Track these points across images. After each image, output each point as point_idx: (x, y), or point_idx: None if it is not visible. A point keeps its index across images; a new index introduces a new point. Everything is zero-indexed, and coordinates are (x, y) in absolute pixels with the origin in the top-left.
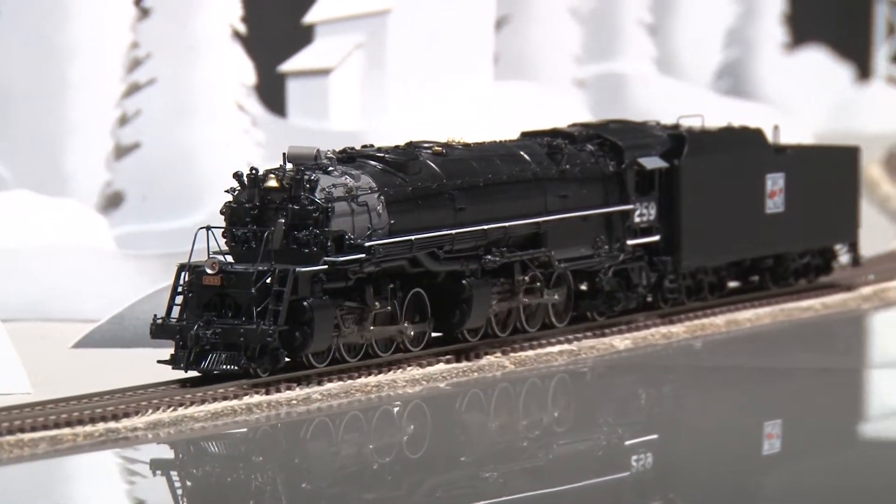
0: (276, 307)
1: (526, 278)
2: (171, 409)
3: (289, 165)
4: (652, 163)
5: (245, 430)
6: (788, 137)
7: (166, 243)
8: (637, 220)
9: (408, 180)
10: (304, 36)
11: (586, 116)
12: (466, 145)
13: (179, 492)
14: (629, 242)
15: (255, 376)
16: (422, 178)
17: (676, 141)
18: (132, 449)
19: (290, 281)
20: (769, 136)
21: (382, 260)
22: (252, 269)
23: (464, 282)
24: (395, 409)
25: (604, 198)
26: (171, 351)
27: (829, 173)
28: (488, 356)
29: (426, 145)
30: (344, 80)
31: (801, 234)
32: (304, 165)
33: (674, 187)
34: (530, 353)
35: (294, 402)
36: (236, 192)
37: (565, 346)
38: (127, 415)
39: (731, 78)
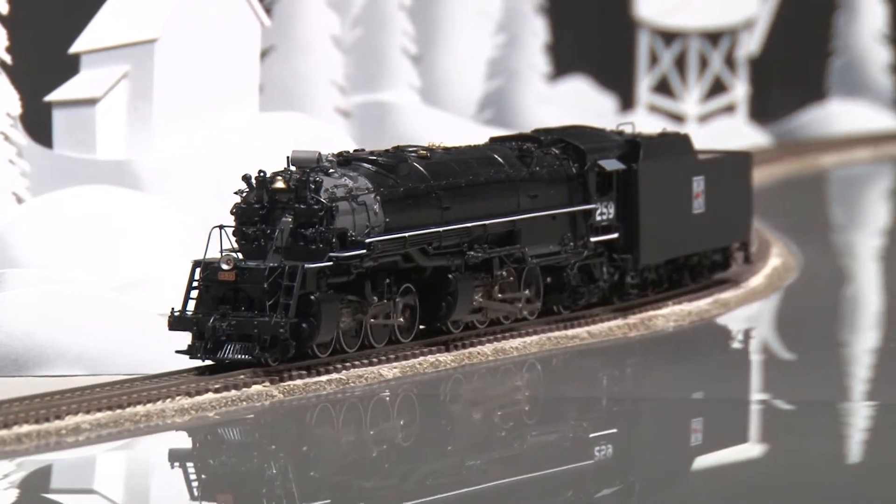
0: (286, 301)
1: (503, 273)
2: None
3: (293, 168)
4: (611, 165)
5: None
6: None
7: None
8: (598, 218)
9: (399, 181)
10: (70, 66)
11: (351, 146)
12: (447, 149)
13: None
14: (592, 239)
15: (266, 365)
16: (411, 179)
17: (632, 146)
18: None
19: (300, 276)
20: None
21: (380, 255)
22: (263, 265)
23: (450, 276)
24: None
25: (568, 198)
26: (188, 342)
27: (732, 177)
28: (256, 385)
29: (411, 149)
30: (110, 109)
31: (716, 232)
32: (308, 168)
33: (632, 189)
34: (299, 382)
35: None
36: (245, 194)
37: (334, 376)
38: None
39: (495, 108)
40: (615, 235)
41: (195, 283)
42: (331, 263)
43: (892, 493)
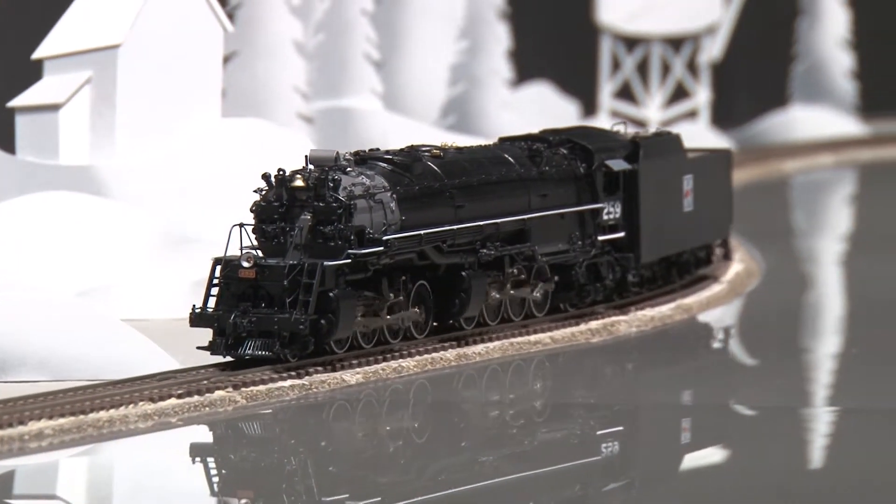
0: (306, 298)
1: (514, 271)
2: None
3: (311, 167)
4: (618, 165)
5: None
6: None
7: None
8: (605, 217)
9: (414, 180)
10: (33, 71)
11: None
12: (459, 149)
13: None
14: (600, 238)
15: (286, 361)
16: (425, 178)
17: (633, 146)
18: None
19: (319, 273)
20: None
21: (396, 253)
22: (283, 262)
23: (463, 273)
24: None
25: (577, 197)
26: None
27: (715, 174)
28: (219, 391)
29: (425, 148)
30: (73, 115)
31: (703, 229)
32: (326, 166)
33: (633, 188)
34: (262, 388)
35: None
36: (264, 192)
37: (296, 381)
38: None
39: (458, 113)
40: (622, 234)
41: (216, 281)
42: (349, 261)
43: (853, 498)
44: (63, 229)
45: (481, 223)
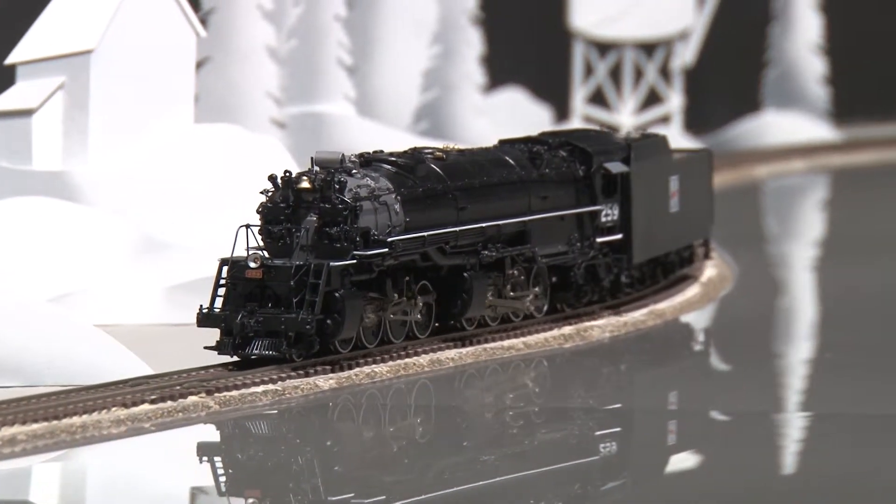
0: (312, 298)
1: (515, 272)
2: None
3: (316, 168)
4: (616, 167)
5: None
6: None
7: None
8: (603, 219)
9: (417, 182)
10: (6, 77)
11: (287, 158)
12: (461, 151)
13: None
14: (598, 240)
15: (291, 360)
16: (429, 180)
17: (628, 148)
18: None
19: (325, 274)
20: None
21: (401, 254)
22: (290, 263)
23: (465, 274)
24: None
25: (576, 199)
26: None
27: (697, 175)
28: (192, 396)
29: (427, 150)
30: (46, 120)
31: (687, 229)
32: (332, 168)
33: (626, 190)
34: (235, 393)
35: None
36: (270, 194)
37: (270, 387)
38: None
39: (430, 119)
40: (619, 236)
41: (222, 281)
42: (354, 262)
43: (825, 503)
44: (36, 235)
45: (483, 225)
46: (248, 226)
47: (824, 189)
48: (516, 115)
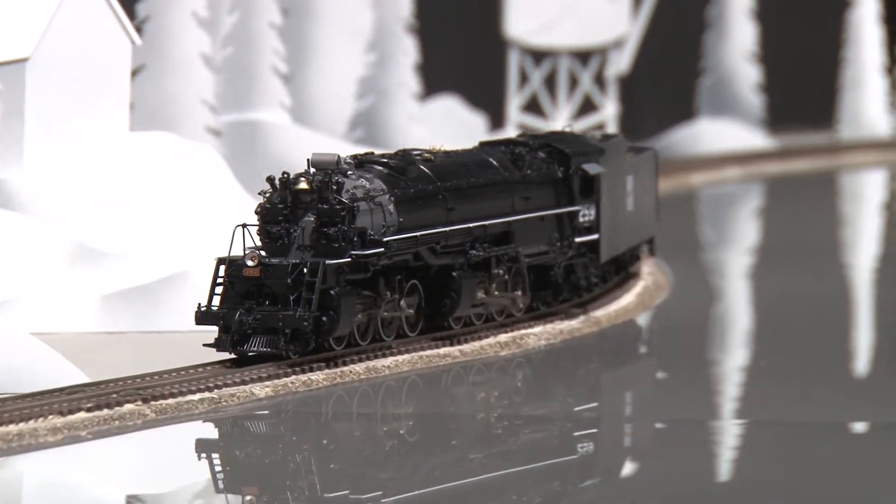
0: (308, 296)
1: (500, 272)
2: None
3: (312, 170)
4: (593, 169)
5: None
6: None
7: None
8: (581, 220)
9: (409, 183)
10: None
11: (222, 165)
12: (447, 153)
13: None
14: (577, 240)
15: (288, 358)
16: (420, 181)
17: (601, 150)
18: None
19: (321, 272)
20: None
21: (395, 253)
22: (286, 261)
23: (454, 274)
24: None
25: (555, 200)
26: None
27: (646, 174)
28: (129, 404)
29: (416, 152)
30: None
31: (639, 228)
32: (328, 170)
33: (599, 190)
34: (171, 401)
35: None
36: (268, 195)
37: (206, 395)
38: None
39: (366, 127)
40: (596, 236)
41: (219, 280)
42: (349, 260)
43: None
44: None
45: (471, 225)
46: (244, 225)
47: (759, 197)
48: (451, 123)
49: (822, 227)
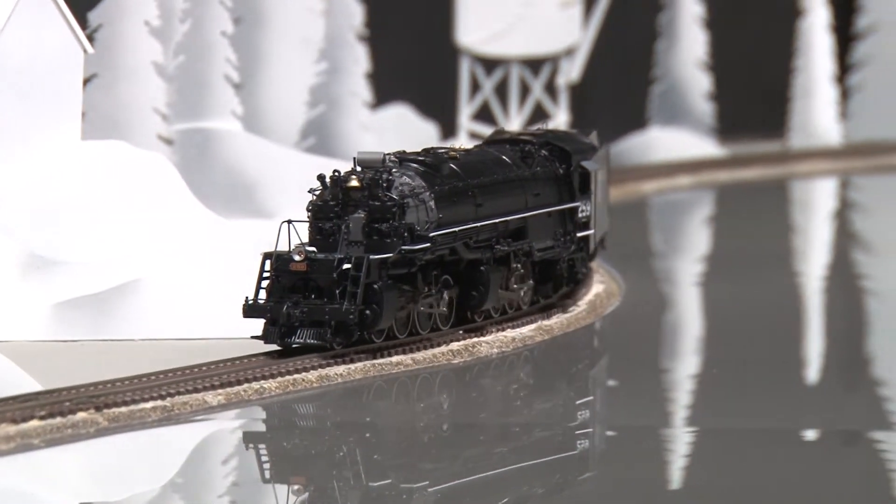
0: (353, 289)
1: (518, 266)
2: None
3: (358, 168)
4: (591, 166)
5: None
6: None
7: None
8: (580, 215)
9: (443, 180)
10: None
11: (174, 174)
12: (466, 151)
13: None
14: (578, 235)
15: (332, 349)
16: (452, 178)
17: (594, 148)
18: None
19: (366, 267)
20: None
21: (438, 248)
22: (332, 256)
23: (482, 268)
24: None
25: (559, 196)
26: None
27: (604, 169)
28: (81, 413)
29: (441, 150)
30: None
31: (602, 222)
32: (375, 168)
33: (593, 186)
34: (124, 409)
35: None
36: (319, 192)
37: (159, 403)
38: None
39: (317, 135)
40: (592, 231)
41: (266, 274)
42: (393, 255)
43: None
44: None
45: (496, 221)
46: (290, 221)
47: (710, 205)
48: (403, 131)
49: (773, 236)
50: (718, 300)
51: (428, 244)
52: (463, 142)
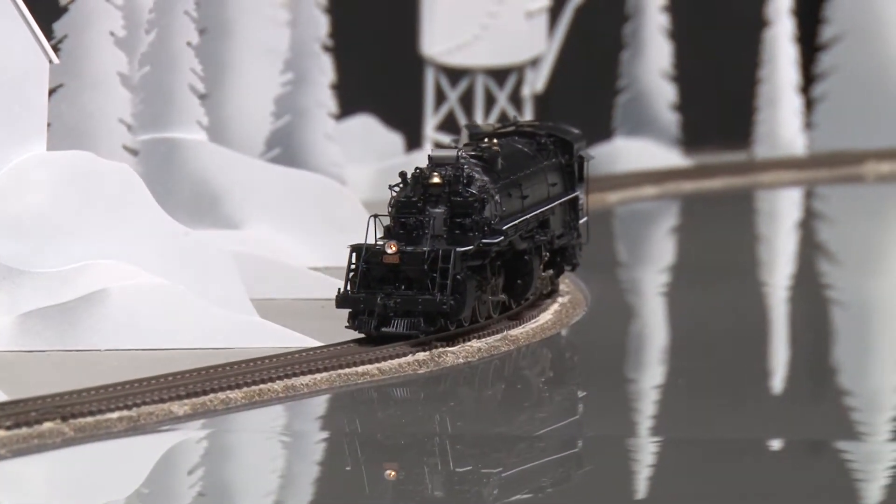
0: (443, 281)
1: (547, 254)
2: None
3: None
4: (588, 155)
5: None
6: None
7: None
8: (580, 203)
9: (499, 175)
10: None
11: (140, 184)
12: (499, 145)
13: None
14: (580, 223)
15: (425, 335)
16: (504, 172)
17: (584, 138)
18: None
19: (454, 259)
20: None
21: (509, 240)
22: (422, 249)
23: (526, 257)
24: None
25: (564, 185)
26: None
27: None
28: (48, 423)
29: (484, 145)
30: None
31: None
32: (452, 165)
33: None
34: (90, 419)
35: None
36: (400, 188)
37: (125, 413)
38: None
39: (282, 146)
40: (586, 218)
41: (353, 266)
42: (471, 248)
43: None
44: None
45: (536, 212)
46: (375, 216)
47: (675, 215)
48: (368, 142)
49: (739, 246)
50: (684, 310)
51: (502, 237)
52: (425, 153)
